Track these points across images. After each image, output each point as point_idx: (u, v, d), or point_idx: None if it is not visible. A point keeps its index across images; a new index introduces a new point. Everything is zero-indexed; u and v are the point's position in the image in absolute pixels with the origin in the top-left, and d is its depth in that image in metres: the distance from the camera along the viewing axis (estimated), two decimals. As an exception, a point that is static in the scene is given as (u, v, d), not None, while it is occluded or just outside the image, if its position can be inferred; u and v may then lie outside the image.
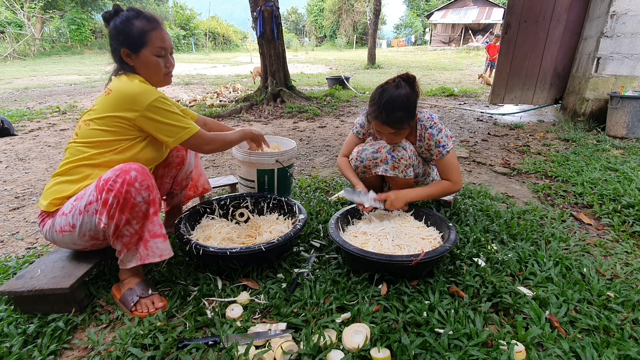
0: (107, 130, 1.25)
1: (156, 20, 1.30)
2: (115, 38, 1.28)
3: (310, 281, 1.39)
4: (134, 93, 1.22)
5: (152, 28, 1.28)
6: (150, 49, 1.28)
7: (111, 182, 1.12)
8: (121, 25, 1.26)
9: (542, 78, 4.97)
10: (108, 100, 1.24)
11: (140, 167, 1.17)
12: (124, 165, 1.16)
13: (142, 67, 1.30)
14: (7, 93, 7.78)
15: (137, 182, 1.14)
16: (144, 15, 1.28)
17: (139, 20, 1.26)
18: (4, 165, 3.09)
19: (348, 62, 18.85)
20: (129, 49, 1.27)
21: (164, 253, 1.25)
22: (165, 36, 1.31)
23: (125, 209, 1.14)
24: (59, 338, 1.13)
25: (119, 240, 1.20)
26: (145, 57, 1.29)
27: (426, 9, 41.53)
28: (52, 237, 1.28)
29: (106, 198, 1.13)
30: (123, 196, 1.13)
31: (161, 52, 1.31)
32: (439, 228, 1.60)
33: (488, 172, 2.87)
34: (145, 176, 1.17)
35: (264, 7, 5.72)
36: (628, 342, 1.08)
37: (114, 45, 1.29)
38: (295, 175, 2.77)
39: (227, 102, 6.36)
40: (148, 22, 1.28)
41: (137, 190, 1.14)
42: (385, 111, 1.50)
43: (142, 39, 1.26)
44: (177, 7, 33.28)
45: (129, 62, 1.30)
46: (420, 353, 1.04)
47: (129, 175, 1.13)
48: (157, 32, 1.29)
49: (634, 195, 2.14)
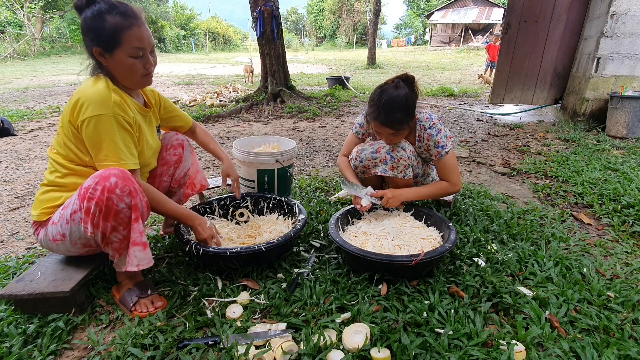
0: (72, 141, 1.18)
1: (133, 15, 1.14)
2: (86, 34, 1.13)
3: (310, 281, 1.39)
4: (84, 101, 1.11)
5: (128, 26, 1.12)
6: (125, 49, 1.14)
7: (91, 190, 1.07)
8: (92, 21, 1.11)
9: (542, 78, 4.97)
10: (68, 107, 1.15)
11: (121, 171, 1.10)
12: (104, 172, 1.09)
13: (116, 68, 1.18)
14: (7, 93, 7.78)
15: (117, 189, 1.08)
16: (119, 10, 1.12)
17: (112, 15, 1.10)
18: (4, 165, 3.09)
19: (348, 62, 18.85)
20: (101, 47, 1.13)
21: (142, 263, 1.18)
22: (143, 34, 1.15)
23: (109, 217, 1.10)
24: (59, 338, 1.13)
25: (109, 246, 1.17)
26: (120, 59, 1.15)
27: (426, 9, 41.53)
28: (47, 245, 1.28)
29: (88, 207, 1.09)
30: (105, 204, 1.07)
31: (138, 53, 1.16)
32: (439, 228, 1.60)
33: (488, 172, 2.87)
34: (126, 181, 1.10)
35: (264, 7, 5.72)
36: (628, 342, 1.08)
37: (86, 42, 1.15)
38: (295, 175, 2.77)
39: (227, 102, 6.36)
40: (123, 18, 1.11)
41: (118, 197, 1.08)
42: (384, 112, 1.50)
43: (116, 38, 1.11)
44: (177, 7, 33.28)
45: (103, 62, 1.17)
46: (420, 353, 1.04)
47: (109, 181, 1.07)
48: (133, 31, 1.13)
49: (634, 195, 2.14)
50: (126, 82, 1.23)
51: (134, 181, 1.13)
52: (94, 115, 1.10)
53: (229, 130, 4.55)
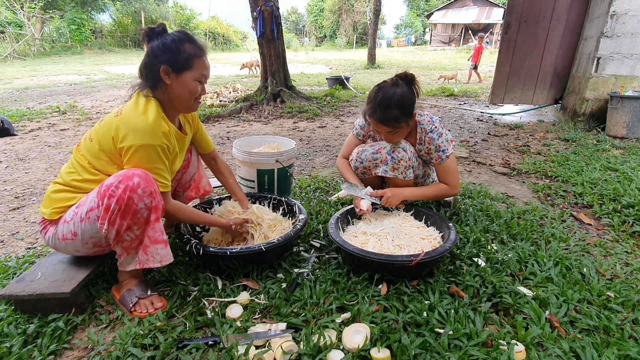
0: (105, 153, 1.22)
1: (204, 48, 1.30)
2: (159, 55, 1.23)
3: (310, 281, 1.39)
4: (135, 127, 1.17)
5: (200, 55, 1.27)
6: (194, 73, 1.27)
7: (113, 188, 1.11)
8: (172, 44, 1.23)
9: (542, 78, 4.97)
10: (113, 123, 1.20)
11: (144, 172, 1.16)
12: (127, 171, 1.14)
13: (177, 88, 1.27)
14: (7, 93, 7.78)
15: (139, 189, 1.12)
16: (195, 41, 1.28)
17: (190, 44, 1.26)
18: (4, 165, 3.09)
19: (348, 62, 18.85)
20: (171, 67, 1.24)
21: (164, 259, 1.25)
22: (208, 64, 1.32)
23: (127, 215, 1.14)
24: (59, 338, 1.13)
25: (119, 244, 1.20)
26: (185, 79, 1.26)
27: (426, 9, 41.54)
28: (54, 244, 1.28)
29: (108, 204, 1.12)
30: (125, 202, 1.11)
31: (202, 79, 1.30)
32: (439, 228, 1.60)
33: (488, 172, 2.87)
34: (148, 182, 1.15)
35: (264, 7, 5.72)
36: (628, 342, 1.08)
37: (153, 61, 1.24)
38: (295, 175, 2.77)
39: (227, 102, 6.36)
40: (198, 48, 1.28)
41: (139, 197, 1.13)
42: (379, 109, 1.50)
43: (189, 62, 1.25)
44: (177, 7, 33.27)
45: (165, 80, 1.25)
46: (420, 353, 1.04)
47: (132, 181, 1.12)
48: (203, 60, 1.29)
49: (634, 195, 2.14)
50: (180, 105, 1.32)
51: (154, 183, 1.18)
52: (143, 144, 1.18)
53: (229, 130, 4.55)
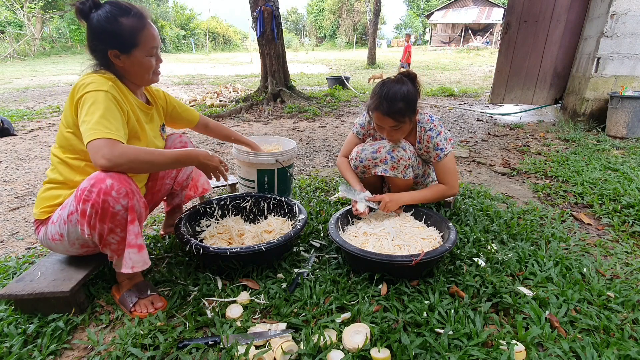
0: (72, 133, 1.17)
1: (145, 15, 1.20)
2: (100, 38, 1.16)
3: (310, 281, 1.39)
4: (82, 82, 1.12)
5: (143, 26, 1.18)
6: (143, 49, 1.19)
7: (87, 192, 1.06)
8: (108, 25, 1.14)
9: (542, 78, 4.97)
10: (68, 99, 1.16)
11: (116, 174, 1.09)
12: (99, 174, 1.07)
13: (132, 67, 1.21)
14: (7, 93, 7.78)
15: (113, 190, 1.06)
16: (133, 12, 1.17)
17: (128, 18, 1.15)
18: (4, 165, 3.09)
19: (348, 62, 18.85)
20: (118, 50, 1.17)
21: (136, 265, 1.16)
22: (155, 33, 1.22)
23: (105, 219, 1.09)
24: (59, 338, 1.13)
25: (107, 247, 1.17)
26: (137, 58, 1.20)
27: (426, 9, 41.55)
28: (47, 244, 1.28)
29: (84, 209, 1.08)
30: (100, 206, 1.06)
31: (153, 52, 1.23)
32: (439, 228, 1.60)
33: (488, 172, 2.87)
34: (123, 182, 1.08)
35: (264, 7, 5.72)
36: (628, 342, 1.08)
37: (98, 46, 1.18)
38: (295, 175, 2.77)
39: (227, 102, 6.36)
40: (138, 19, 1.17)
41: (114, 199, 1.07)
42: (386, 101, 1.50)
43: (134, 40, 1.17)
44: (177, 7, 33.29)
45: (118, 63, 1.20)
46: (420, 353, 1.04)
47: (104, 183, 1.06)
48: (147, 30, 1.19)
49: (634, 195, 2.14)
50: (138, 81, 1.27)
51: (130, 182, 1.11)
52: (91, 90, 1.11)
53: (229, 130, 4.54)
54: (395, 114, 1.51)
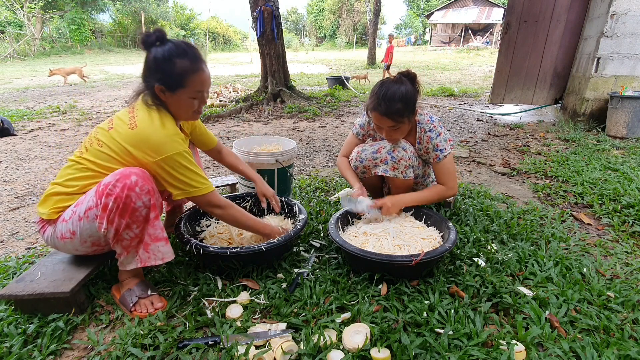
0: (118, 160, 1.20)
1: (200, 60, 1.22)
2: (153, 73, 1.20)
3: (310, 281, 1.39)
4: (158, 142, 1.16)
5: (195, 70, 1.20)
6: (188, 91, 1.22)
7: (111, 187, 1.10)
8: (162, 63, 1.17)
9: (542, 78, 4.97)
10: (130, 136, 1.18)
11: (141, 171, 1.15)
12: (124, 170, 1.13)
13: (174, 104, 1.24)
14: (7, 93, 7.79)
15: (137, 187, 1.12)
16: (189, 55, 1.19)
17: (182, 60, 1.18)
18: (4, 165, 3.09)
19: (348, 62, 18.85)
20: (165, 86, 1.20)
21: (166, 256, 1.26)
22: (205, 79, 1.24)
23: (125, 214, 1.13)
24: (59, 338, 1.13)
25: (119, 243, 1.20)
26: (180, 98, 1.23)
27: (426, 9, 41.54)
28: (53, 243, 1.28)
29: (106, 203, 1.11)
30: (123, 201, 1.11)
31: (198, 95, 1.25)
32: (439, 228, 1.60)
33: (488, 172, 2.87)
34: (146, 180, 1.15)
35: (264, 7, 5.72)
36: (628, 342, 1.08)
37: (149, 77, 1.21)
38: (295, 175, 2.77)
39: (227, 102, 6.36)
40: (191, 63, 1.19)
41: (137, 195, 1.12)
42: (384, 102, 1.50)
43: (182, 81, 1.19)
44: (177, 7, 33.29)
45: (162, 97, 1.23)
46: (420, 353, 1.04)
47: (129, 179, 1.11)
48: (198, 75, 1.21)
49: (634, 195, 2.14)
50: (177, 115, 1.30)
51: (152, 181, 1.18)
52: (172, 153, 1.18)
53: (229, 130, 4.55)
54: (394, 114, 1.51)
